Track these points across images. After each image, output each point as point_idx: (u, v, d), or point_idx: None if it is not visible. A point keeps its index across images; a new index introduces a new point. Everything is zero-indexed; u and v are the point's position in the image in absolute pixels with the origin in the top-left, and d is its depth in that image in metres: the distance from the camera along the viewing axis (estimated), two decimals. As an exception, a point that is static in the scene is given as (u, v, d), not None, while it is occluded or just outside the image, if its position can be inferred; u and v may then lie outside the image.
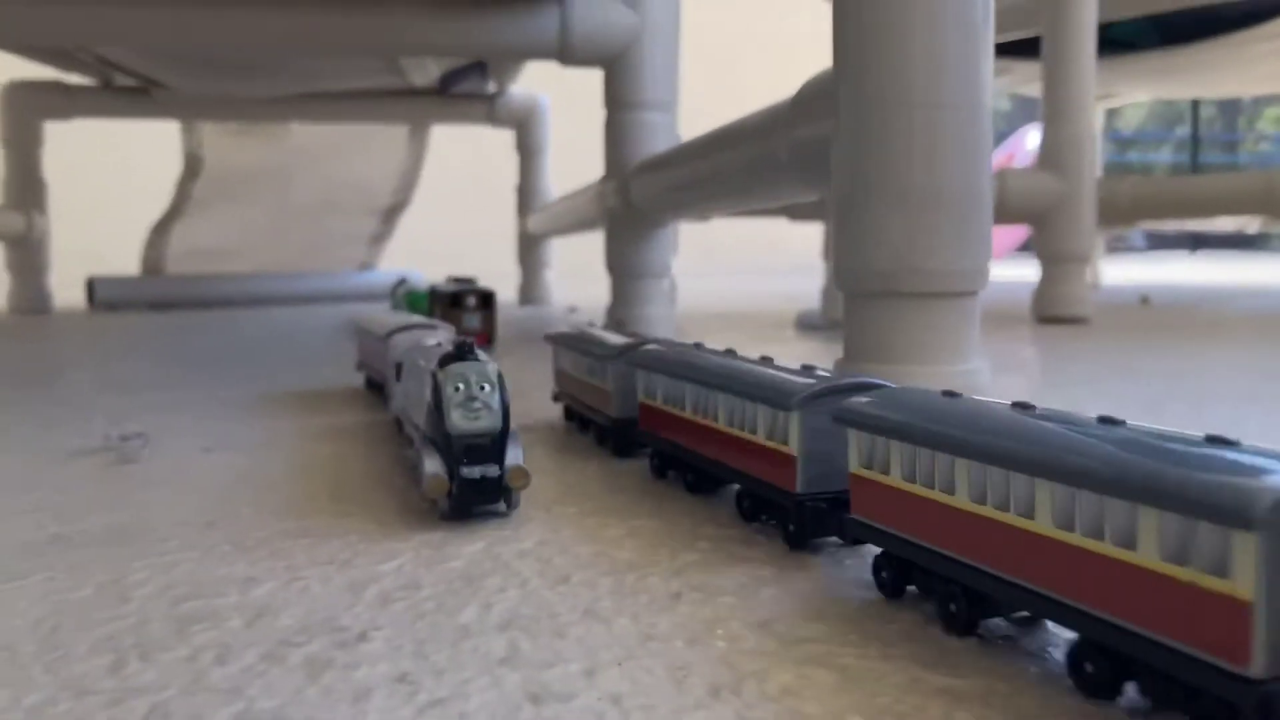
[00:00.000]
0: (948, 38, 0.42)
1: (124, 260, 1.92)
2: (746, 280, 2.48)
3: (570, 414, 0.51)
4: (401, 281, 1.24)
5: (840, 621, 0.24)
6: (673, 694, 0.20)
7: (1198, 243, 4.36)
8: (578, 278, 2.16)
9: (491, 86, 1.74)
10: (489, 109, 1.78)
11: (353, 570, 0.28)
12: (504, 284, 0.93)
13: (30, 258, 1.61)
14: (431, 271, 1.71)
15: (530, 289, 1.81)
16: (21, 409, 0.59)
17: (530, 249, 1.82)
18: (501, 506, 0.34)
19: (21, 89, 1.61)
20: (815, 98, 0.49)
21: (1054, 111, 1.13)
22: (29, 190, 1.60)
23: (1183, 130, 5.49)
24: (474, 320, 0.84)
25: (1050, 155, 1.14)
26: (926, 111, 0.42)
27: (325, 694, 0.21)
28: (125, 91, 1.60)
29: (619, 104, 0.99)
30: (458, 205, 3.15)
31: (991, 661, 0.22)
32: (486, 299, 0.86)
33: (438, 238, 2.80)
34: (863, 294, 0.44)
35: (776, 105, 0.56)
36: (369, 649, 0.23)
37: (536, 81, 1.79)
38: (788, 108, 0.53)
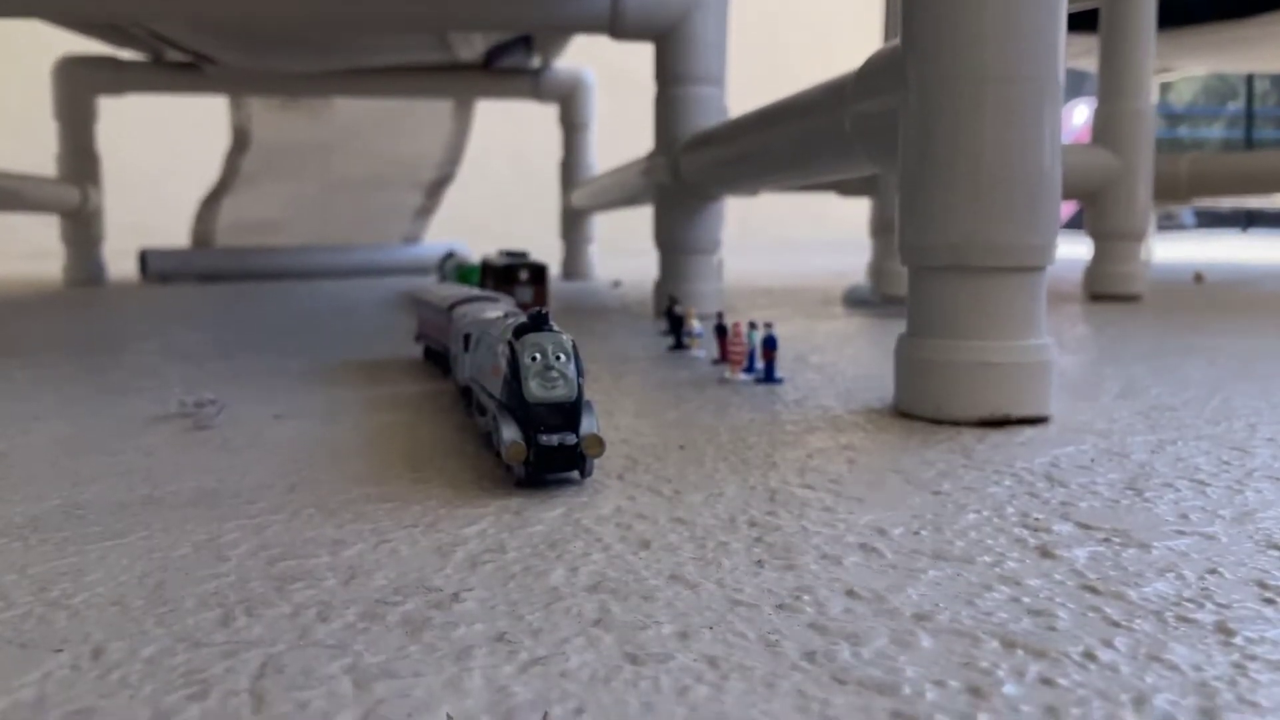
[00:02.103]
0: (1022, 11, 0.41)
1: (174, 233, 1.95)
2: (790, 256, 2.47)
3: None
4: (449, 255, 1.25)
5: (930, 589, 0.24)
6: (767, 657, 0.21)
7: (1250, 220, 4.27)
8: (618, 252, 2.16)
9: (536, 61, 1.74)
10: (534, 84, 1.78)
11: (437, 534, 0.29)
12: (547, 258, 0.94)
13: (85, 230, 1.64)
14: (475, 245, 1.72)
15: (573, 263, 1.82)
16: (96, 377, 0.60)
17: (573, 224, 1.83)
18: (576, 474, 0.34)
19: (75, 64, 1.63)
20: (882, 71, 0.49)
21: (1111, 86, 1.11)
22: (83, 164, 1.63)
23: (1235, 106, 5.37)
24: (526, 293, 0.85)
25: (1106, 130, 1.12)
26: (999, 86, 0.41)
27: (428, 651, 0.21)
28: (176, 67, 1.63)
29: (670, 78, 0.98)
30: (500, 179, 3.16)
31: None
32: (538, 272, 0.86)
33: (481, 212, 2.81)
34: (929, 268, 0.44)
35: (839, 79, 0.56)
36: (464, 609, 0.24)
37: (577, 58, 1.79)
38: (852, 81, 0.53)
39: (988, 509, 0.31)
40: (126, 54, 1.63)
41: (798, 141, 0.64)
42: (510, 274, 0.85)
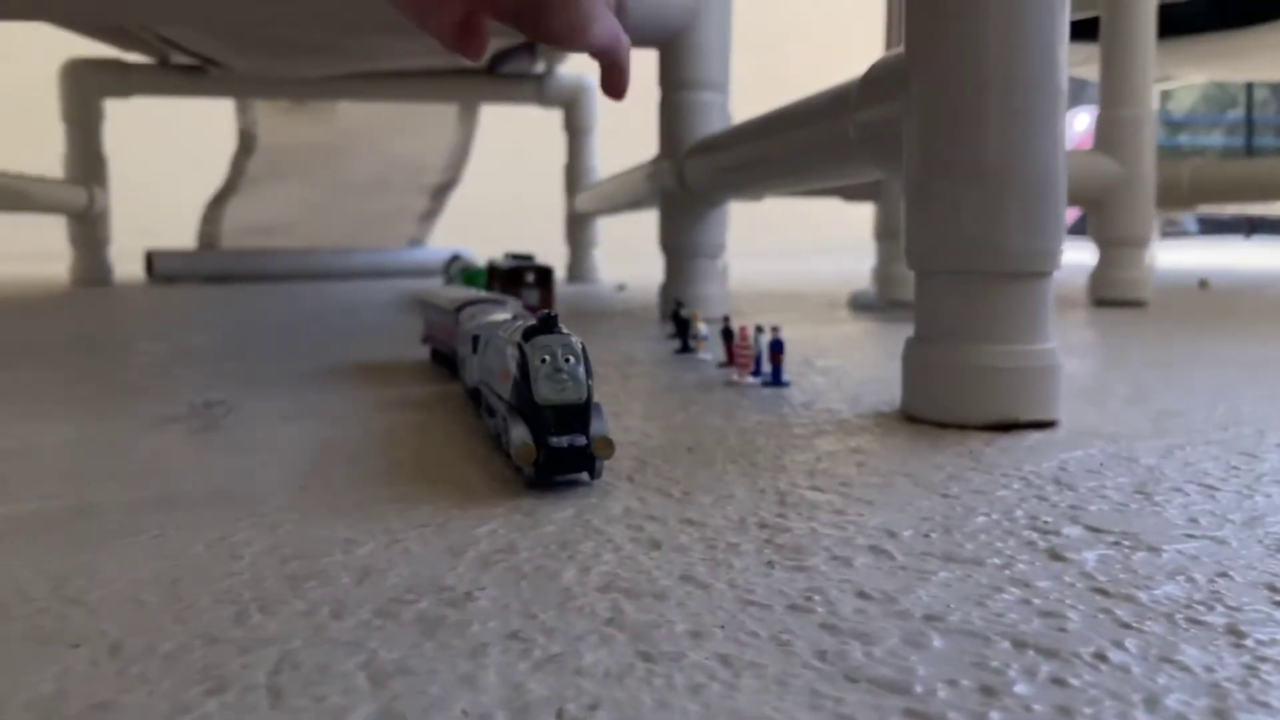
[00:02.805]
0: (1024, 18, 0.42)
1: (180, 235, 1.95)
2: (796, 260, 2.47)
3: None
4: (455, 258, 1.26)
5: (941, 590, 0.25)
6: (779, 655, 0.21)
7: (1253, 227, 4.27)
8: (623, 256, 2.16)
9: (540, 67, 1.74)
10: (537, 89, 1.78)
11: (449, 533, 0.29)
12: (552, 262, 0.94)
13: (92, 231, 1.64)
14: (480, 248, 1.72)
15: (579, 266, 1.83)
16: (105, 378, 0.61)
17: (578, 227, 1.83)
18: (586, 476, 0.35)
19: (82, 67, 1.64)
20: (886, 77, 0.49)
21: (1112, 93, 1.11)
22: (90, 166, 1.64)
23: (1235, 114, 5.38)
24: (532, 296, 0.85)
25: (1108, 137, 1.12)
26: (1001, 94, 0.41)
27: (442, 648, 0.21)
28: (182, 70, 1.63)
29: (674, 84, 0.99)
30: (504, 184, 3.17)
31: (1091, 632, 0.22)
32: (544, 275, 0.86)
33: (485, 215, 2.81)
34: (935, 273, 0.45)
35: (843, 85, 0.56)
36: (477, 607, 0.24)
37: (582, 63, 1.79)
38: (856, 87, 0.53)
39: (997, 512, 0.31)
40: (133, 57, 1.63)
41: (802, 148, 0.64)
42: (516, 276, 0.85)
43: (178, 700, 0.19)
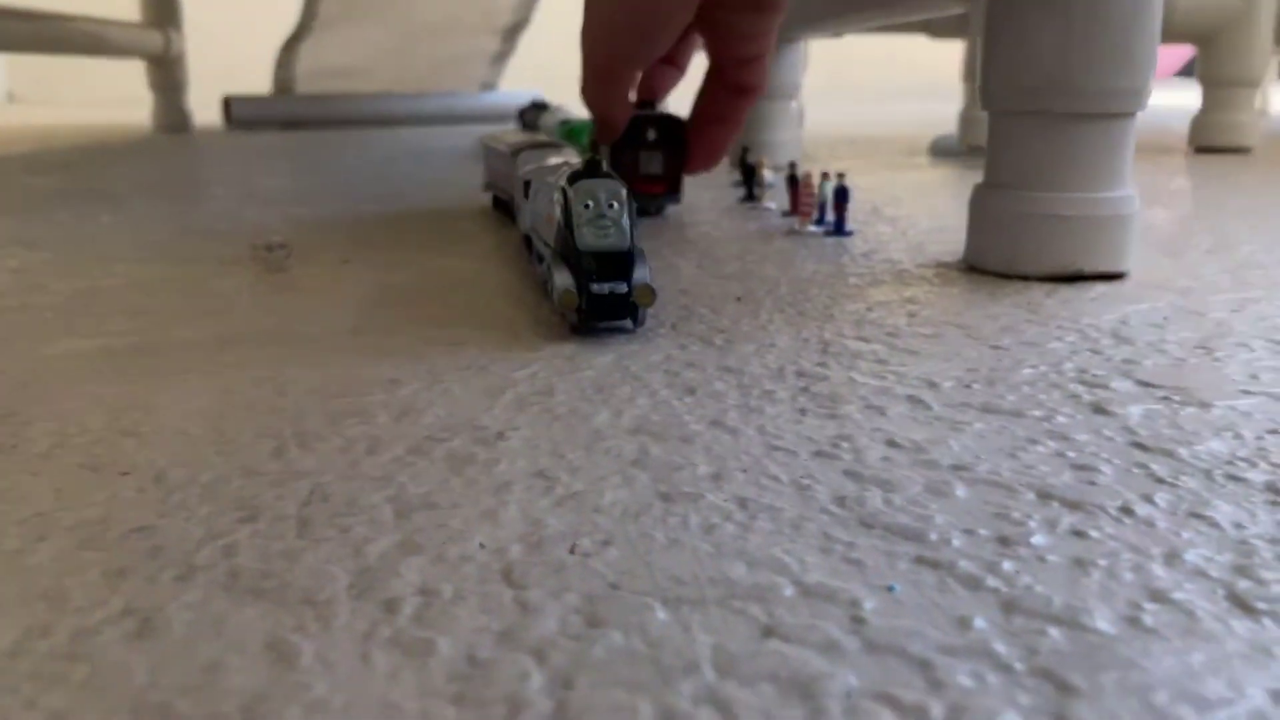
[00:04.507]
0: None
1: (259, 81, 1.95)
2: (879, 104, 2.37)
3: None
4: (534, 105, 1.22)
5: (973, 440, 0.24)
6: (797, 500, 0.21)
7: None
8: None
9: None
10: (613, -81, 1.70)
11: (489, 376, 0.30)
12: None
13: (169, 76, 1.65)
14: (550, 95, 1.69)
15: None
16: (175, 221, 0.62)
17: (653, 71, 1.78)
18: (628, 323, 0.35)
19: (152, -97, 1.61)
20: (970, -103, 0.45)
21: (1237, -86, 1.01)
22: (165, 8, 1.63)
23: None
24: (654, 163, 0.58)
25: (1227, -35, 1.03)
26: (1095, -91, 0.38)
27: (469, 484, 0.22)
28: (250, -95, 1.59)
29: (751, -90, 0.93)
30: (577, 23, 3.08)
31: (1122, 486, 0.22)
32: (671, 129, 0.57)
33: (555, 58, 2.74)
34: (1009, 113, 0.42)
35: (925, -93, 0.52)
36: (507, 446, 0.24)
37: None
38: (938, -91, 0.49)
39: (1045, 364, 0.30)
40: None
41: (880, -22, 0.60)
42: (634, 133, 0.56)
43: (212, 526, 0.20)
